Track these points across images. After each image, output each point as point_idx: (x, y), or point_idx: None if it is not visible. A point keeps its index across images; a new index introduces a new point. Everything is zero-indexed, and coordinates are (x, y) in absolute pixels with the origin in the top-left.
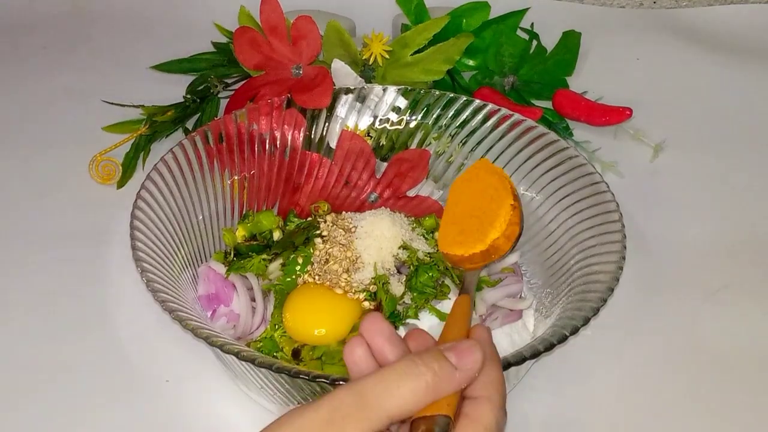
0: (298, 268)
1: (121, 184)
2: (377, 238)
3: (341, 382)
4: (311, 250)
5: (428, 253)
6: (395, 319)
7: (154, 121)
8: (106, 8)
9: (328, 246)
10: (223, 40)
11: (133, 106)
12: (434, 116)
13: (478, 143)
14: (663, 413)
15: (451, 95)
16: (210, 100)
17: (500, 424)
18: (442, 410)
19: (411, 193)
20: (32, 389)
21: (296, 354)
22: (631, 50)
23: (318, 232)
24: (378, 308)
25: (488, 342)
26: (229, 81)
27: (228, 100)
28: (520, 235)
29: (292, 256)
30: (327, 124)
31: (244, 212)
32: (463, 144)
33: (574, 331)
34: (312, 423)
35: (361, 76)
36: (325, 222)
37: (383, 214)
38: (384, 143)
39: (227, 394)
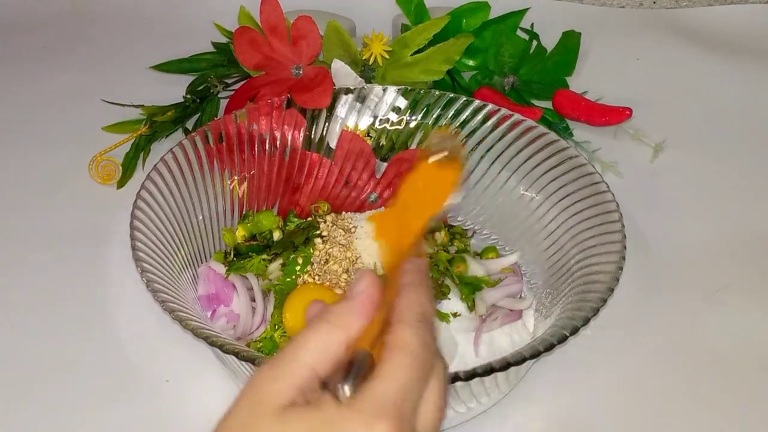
0: (298, 268)
1: (121, 184)
2: None
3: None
4: (311, 251)
5: (428, 254)
6: None
7: (154, 121)
8: (106, 8)
9: (328, 246)
10: (223, 40)
11: (133, 106)
12: (434, 116)
13: (478, 143)
14: (663, 413)
15: (451, 95)
16: (210, 100)
17: (423, 341)
18: (360, 345)
19: None
20: (32, 389)
21: None
22: (631, 50)
23: (318, 232)
24: None
25: (413, 270)
26: (229, 81)
27: (228, 100)
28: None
29: (292, 256)
30: (327, 124)
31: (244, 212)
32: (463, 144)
33: (574, 331)
34: (238, 401)
35: (361, 76)
36: (325, 222)
37: None
38: (384, 143)
39: (227, 394)
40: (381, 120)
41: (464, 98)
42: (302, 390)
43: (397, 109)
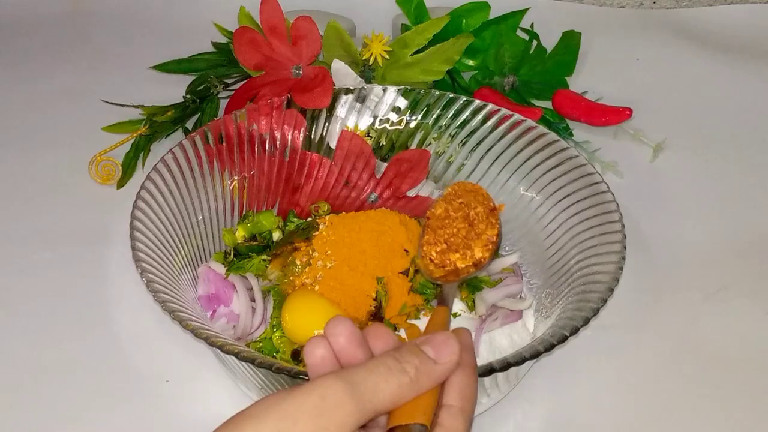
0: (297, 268)
1: (121, 184)
2: None
3: None
4: (311, 251)
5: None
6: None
7: (154, 121)
8: (106, 8)
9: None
10: (223, 40)
11: (133, 106)
12: (434, 116)
13: (478, 143)
14: (663, 413)
15: (451, 95)
16: (210, 100)
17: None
18: (418, 418)
19: (411, 193)
20: (32, 389)
21: (296, 355)
22: (631, 50)
23: (318, 232)
24: (378, 309)
25: (469, 347)
26: (229, 81)
27: (228, 100)
28: (499, 244)
29: (290, 258)
30: (327, 124)
31: (244, 212)
32: (463, 144)
33: (574, 331)
34: (301, 408)
35: (361, 77)
36: (325, 222)
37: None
38: (384, 143)
39: (227, 394)
40: (381, 120)
41: (464, 98)
42: (359, 428)
43: (397, 109)
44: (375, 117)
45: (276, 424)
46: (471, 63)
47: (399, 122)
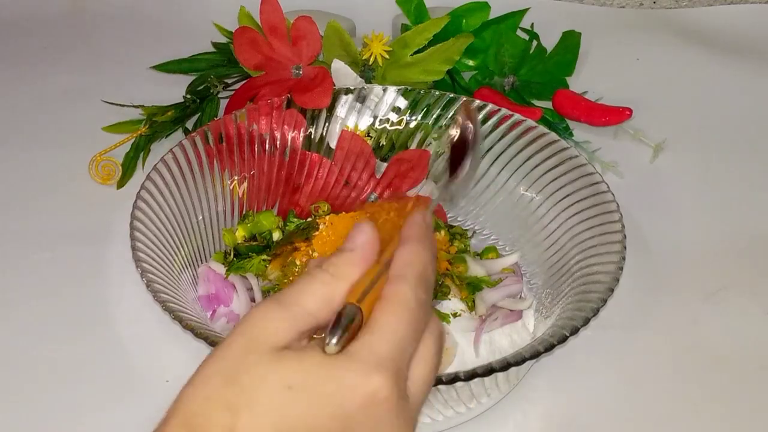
0: (297, 268)
1: (121, 184)
2: None
3: None
4: (311, 251)
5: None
6: None
7: (154, 121)
8: (106, 8)
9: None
10: (223, 40)
11: (133, 106)
12: (434, 116)
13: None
14: (663, 413)
15: (451, 95)
16: (210, 100)
17: (420, 299)
18: (348, 299)
19: (411, 194)
20: (32, 389)
21: None
22: (631, 50)
23: (318, 232)
24: None
25: (417, 223)
26: (229, 81)
27: (228, 100)
28: None
29: (290, 258)
30: (327, 124)
31: (244, 212)
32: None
33: (574, 331)
34: (234, 331)
35: (361, 77)
36: (325, 222)
37: None
38: (384, 143)
39: None
40: (381, 120)
41: (464, 98)
42: (300, 335)
43: (397, 109)
44: (375, 117)
45: (219, 352)
46: (471, 63)
47: (399, 122)
